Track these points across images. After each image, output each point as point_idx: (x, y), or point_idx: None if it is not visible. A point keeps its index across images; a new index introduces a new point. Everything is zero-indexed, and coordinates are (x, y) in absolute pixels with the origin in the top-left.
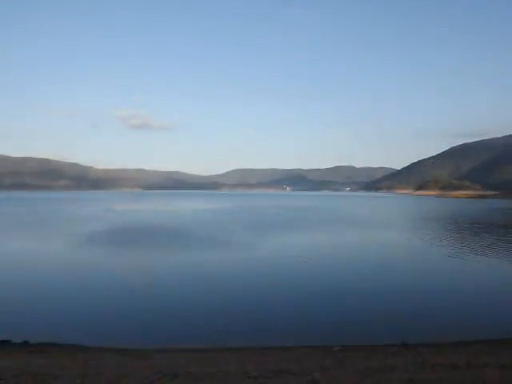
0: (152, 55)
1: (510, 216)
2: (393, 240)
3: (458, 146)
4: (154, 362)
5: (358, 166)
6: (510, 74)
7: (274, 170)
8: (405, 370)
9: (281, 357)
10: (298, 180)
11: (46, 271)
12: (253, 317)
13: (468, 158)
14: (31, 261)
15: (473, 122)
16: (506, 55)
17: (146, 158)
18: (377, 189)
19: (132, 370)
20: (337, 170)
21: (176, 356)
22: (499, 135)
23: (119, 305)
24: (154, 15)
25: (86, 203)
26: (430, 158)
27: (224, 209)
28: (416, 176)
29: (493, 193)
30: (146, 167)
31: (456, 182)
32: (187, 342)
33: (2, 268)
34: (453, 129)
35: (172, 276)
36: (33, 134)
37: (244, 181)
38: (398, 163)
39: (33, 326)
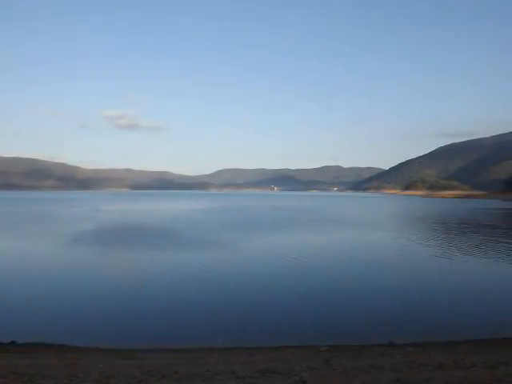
0: (141, 55)
1: (497, 216)
2: (380, 240)
3: (446, 146)
4: (142, 362)
5: (345, 166)
6: (498, 74)
7: (261, 170)
8: (392, 370)
9: (268, 357)
10: (286, 180)
11: (34, 271)
12: (241, 317)
13: (456, 158)
14: (19, 261)
15: (461, 122)
16: (494, 56)
17: (134, 158)
18: (364, 189)
19: (120, 369)
20: (324, 170)
21: (164, 356)
22: (487, 135)
23: (108, 305)
24: (145, 14)
25: (74, 203)
26: (417, 157)
27: (212, 209)
28: (404, 176)
29: (480, 193)
30: (134, 167)
31: (444, 182)
32: (175, 342)
33: None
34: (441, 129)
35: (160, 276)
36: (21, 134)
37: (232, 181)
38: (386, 163)
39: (20, 326)
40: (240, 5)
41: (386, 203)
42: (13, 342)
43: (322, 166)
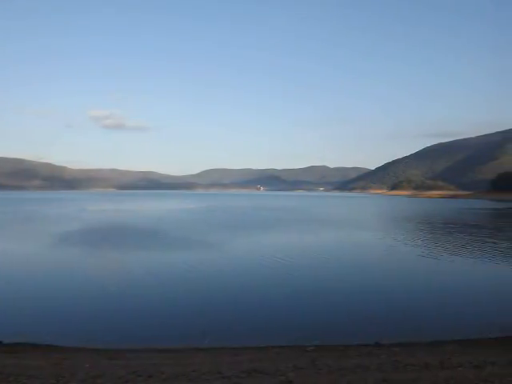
0: (128, 55)
1: (483, 216)
2: (366, 240)
3: (432, 145)
4: (128, 362)
5: (331, 166)
6: (484, 75)
7: (248, 170)
8: (378, 370)
9: (254, 356)
10: (272, 180)
11: (20, 271)
12: (226, 316)
13: (442, 158)
14: (4, 261)
15: (447, 122)
16: (480, 57)
17: (120, 158)
18: (350, 189)
19: (106, 369)
20: (310, 170)
21: (150, 356)
22: (473, 135)
23: (94, 305)
24: (133, 14)
25: (60, 203)
26: (403, 158)
27: (199, 209)
28: (390, 176)
29: (466, 193)
30: (120, 167)
31: (430, 182)
32: (161, 342)
33: None
34: (427, 129)
35: (146, 276)
36: (6, 134)
37: (218, 181)
38: (372, 163)
39: (6, 325)
40: (226, 5)
41: (372, 203)
42: None
43: (308, 166)
